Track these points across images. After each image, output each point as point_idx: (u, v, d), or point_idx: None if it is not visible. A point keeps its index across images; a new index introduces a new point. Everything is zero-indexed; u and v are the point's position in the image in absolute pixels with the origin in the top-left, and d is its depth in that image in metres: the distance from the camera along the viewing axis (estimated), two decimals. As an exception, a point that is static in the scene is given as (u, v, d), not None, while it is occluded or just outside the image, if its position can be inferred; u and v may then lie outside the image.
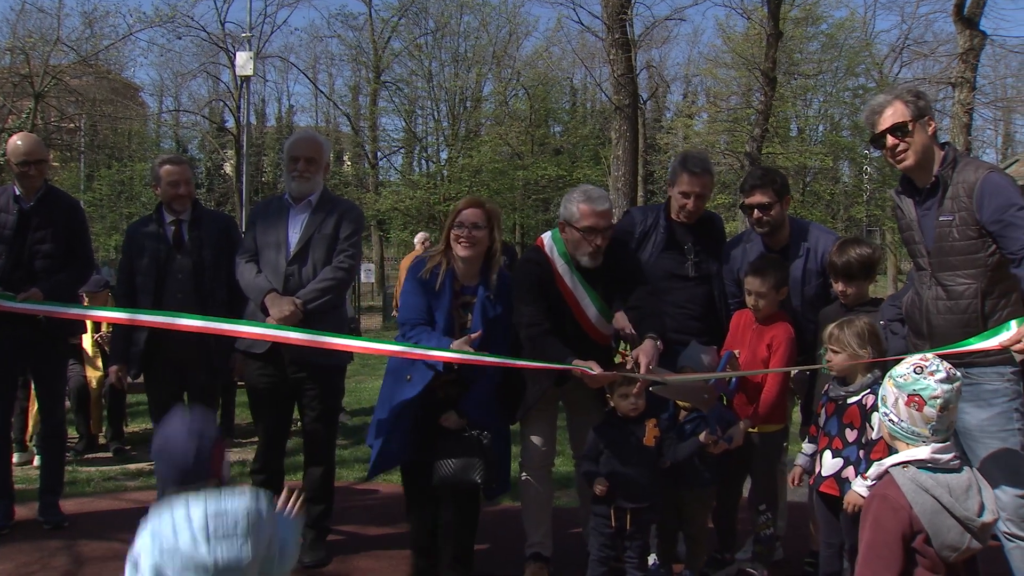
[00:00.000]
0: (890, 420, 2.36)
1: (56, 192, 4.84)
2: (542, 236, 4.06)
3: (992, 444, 3.10)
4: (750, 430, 3.87)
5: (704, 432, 3.66)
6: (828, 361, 3.51)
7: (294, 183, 4.25)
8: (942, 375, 2.33)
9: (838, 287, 3.81)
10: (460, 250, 3.81)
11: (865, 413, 3.34)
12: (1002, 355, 3.07)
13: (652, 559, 3.91)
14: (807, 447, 3.70)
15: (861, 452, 3.38)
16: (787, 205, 4.07)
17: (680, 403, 3.85)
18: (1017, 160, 20.51)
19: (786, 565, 3.92)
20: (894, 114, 3.23)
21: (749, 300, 3.88)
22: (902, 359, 2.56)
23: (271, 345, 4.08)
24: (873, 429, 3.20)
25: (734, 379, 3.84)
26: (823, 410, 3.60)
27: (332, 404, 4.38)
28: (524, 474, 4.06)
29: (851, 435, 3.44)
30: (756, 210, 4.01)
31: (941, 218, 3.17)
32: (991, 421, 3.10)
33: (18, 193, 4.60)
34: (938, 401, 2.30)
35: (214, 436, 2.26)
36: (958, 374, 2.44)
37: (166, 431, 2.24)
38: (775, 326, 3.87)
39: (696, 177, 4.07)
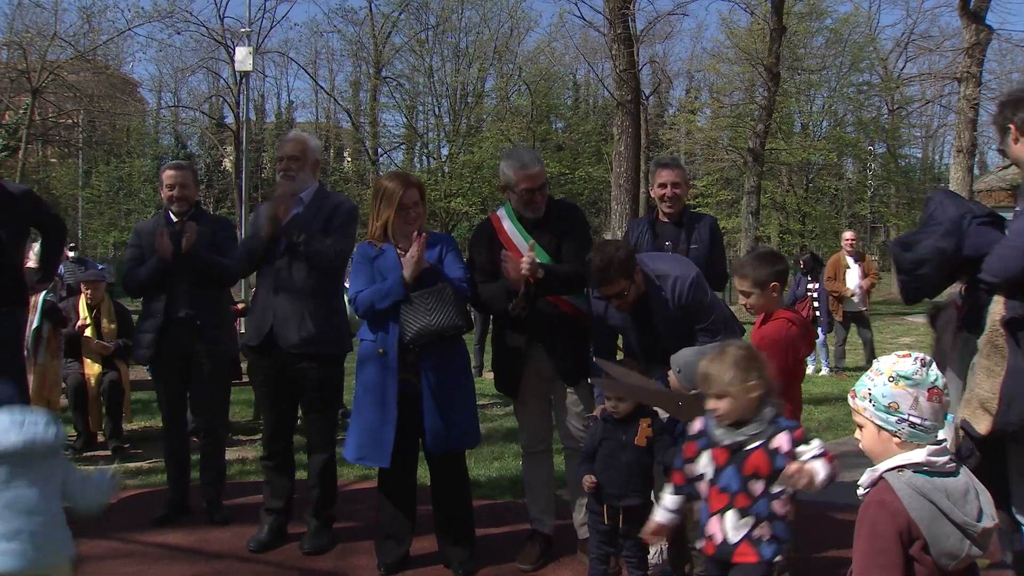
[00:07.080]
0: (910, 424, 2.17)
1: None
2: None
3: None
4: None
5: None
6: (715, 412, 2.80)
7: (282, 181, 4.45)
8: (932, 361, 2.25)
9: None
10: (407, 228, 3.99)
11: (773, 456, 2.72)
12: None
13: (654, 553, 3.80)
14: (670, 500, 2.98)
15: (775, 504, 2.74)
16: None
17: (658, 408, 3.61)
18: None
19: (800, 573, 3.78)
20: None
21: (741, 301, 3.76)
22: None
23: (266, 337, 4.23)
24: (787, 470, 2.64)
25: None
26: (700, 456, 2.86)
27: (330, 395, 4.45)
28: (522, 452, 4.35)
29: (758, 487, 2.75)
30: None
31: None
32: None
33: None
34: (946, 389, 2.21)
35: None
36: None
37: None
38: (766, 326, 3.64)
39: (670, 168, 4.58)
